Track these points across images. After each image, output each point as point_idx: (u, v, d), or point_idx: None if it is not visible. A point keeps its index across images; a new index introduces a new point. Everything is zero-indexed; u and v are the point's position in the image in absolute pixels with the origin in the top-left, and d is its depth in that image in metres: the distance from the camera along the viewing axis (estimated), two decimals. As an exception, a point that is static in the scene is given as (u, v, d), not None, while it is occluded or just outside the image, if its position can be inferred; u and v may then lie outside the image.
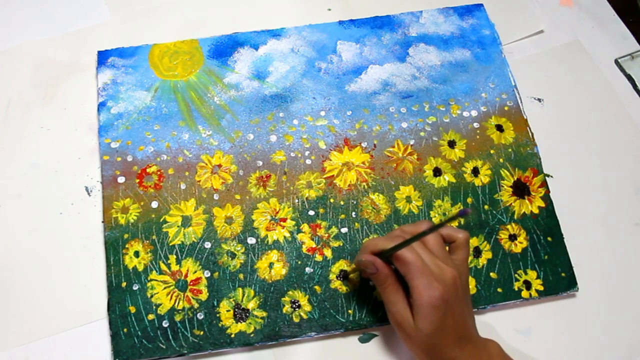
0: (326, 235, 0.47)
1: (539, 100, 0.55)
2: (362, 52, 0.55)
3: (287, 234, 0.47)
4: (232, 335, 0.43)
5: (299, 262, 0.46)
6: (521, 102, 0.53)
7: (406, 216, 0.48)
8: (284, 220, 0.48)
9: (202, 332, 0.43)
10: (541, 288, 0.46)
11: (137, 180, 0.48)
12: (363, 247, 0.42)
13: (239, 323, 0.44)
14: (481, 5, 0.58)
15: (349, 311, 0.45)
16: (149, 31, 0.56)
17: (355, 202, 0.48)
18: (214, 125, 0.51)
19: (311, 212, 0.48)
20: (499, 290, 0.46)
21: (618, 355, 0.46)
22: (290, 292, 0.45)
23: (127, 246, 0.46)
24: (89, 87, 0.53)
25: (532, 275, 0.47)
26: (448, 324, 0.38)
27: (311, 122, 0.51)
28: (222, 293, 0.45)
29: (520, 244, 0.48)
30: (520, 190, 0.50)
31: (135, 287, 0.45)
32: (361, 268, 0.42)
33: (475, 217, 0.48)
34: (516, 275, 0.47)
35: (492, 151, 0.51)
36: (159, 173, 0.49)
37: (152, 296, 0.44)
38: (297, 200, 0.48)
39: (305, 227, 0.47)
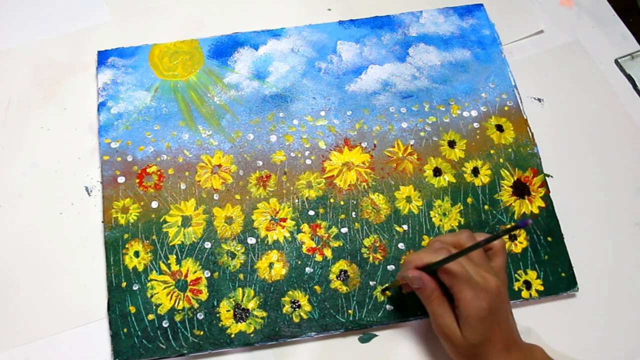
0: (326, 235, 0.47)
1: (539, 100, 0.55)
2: (362, 52, 0.55)
3: (287, 234, 0.47)
4: (232, 335, 0.44)
5: (299, 262, 0.46)
6: (521, 102, 0.53)
7: (406, 216, 0.48)
8: (284, 220, 0.48)
9: (202, 332, 0.43)
10: (541, 288, 0.46)
11: (137, 180, 0.48)
12: (406, 262, 0.41)
13: (239, 323, 0.44)
14: (481, 5, 0.58)
15: (349, 311, 0.45)
16: (149, 31, 0.56)
17: (355, 202, 0.48)
18: (214, 125, 0.51)
19: (311, 212, 0.48)
20: (499, 290, 0.46)
21: (618, 355, 0.46)
22: (290, 292, 0.45)
23: (127, 246, 0.46)
24: (89, 87, 0.53)
25: (532, 275, 0.47)
26: (495, 333, 0.38)
27: (311, 122, 0.51)
28: (222, 293, 0.45)
29: (520, 244, 0.48)
30: (520, 190, 0.50)
31: (135, 287, 0.45)
32: (404, 283, 0.42)
33: (475, 217, 0.48)
34: (516, 275, 0.47)
35: (492, 151, 0.51)
36: (159, 173, 0.49)
37: (152, 296, 0.44)
38: (297, 200, 0.48)
39: (305, 227, 0.47)
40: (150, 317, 0.44)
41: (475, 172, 0.50)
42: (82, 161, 0.50)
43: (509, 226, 0.32)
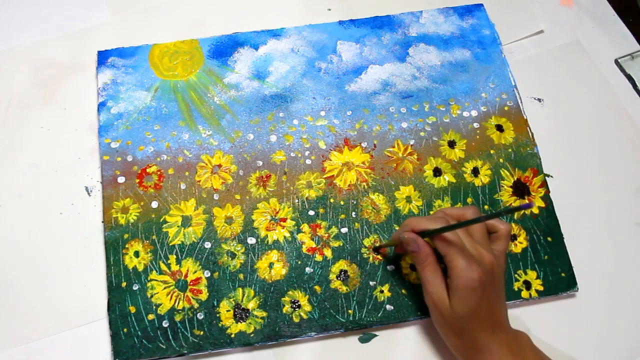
0: (326, 235, 0.47)
1: (539, 100, 0.55)
2: (362, 52, 0.55)
3: (287, 234, 0.47)
4: (232, 335, 0.44)
5: (299, 262, 0.46)
6: (521, 102, 0.53)
7: (406, 216, 0.48)
8: (284, 220, 0.48)
9: (202, 332, 0.43)
10: (541, 288, 0.46)
11: (137, 180, 0.48)
12: (405, 224, 0.42)
13: (239, 323, 0.44)
14: (481, 5, 0.58)
15: (349, 311, 0.45)
16: (149, 31, 0.56)
17: (355, 202, 0.48)
18: (214, 125, 0.51)
19: (311, 212, 0.48)
20: (499, 290, 0.46)
21: (618, 355, 0.46)
22: (290, 292, 0.45)
23: (127, 246, 0.46)
24: (89, 87, 0.53)
25: (532, 275, 0.47)
26: (482, 309, 0.38)
27: (311, 122, 0.51)
28: (222, 293, 0.45)
29: (520, 244, 0.48)
30: (520, 190, 0.50)
31: (135, 287, 0.45)
32: (399, 244, 0.42)
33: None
34: (516, 275, 0.47)
35: (492, 151, 0.51)
36: (159, 173, 0.49)
37: (152, 296, 0.44)
38: (297, 200, 0.48)
39: (305, 227, 0.47)
40: (150, 317, 0.44)
41: (475, 172, 0.50)
42: (82, 161, 0.50)
43: (512, 206, 0.33)
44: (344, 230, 0.47)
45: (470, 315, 0.38)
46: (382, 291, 0.45)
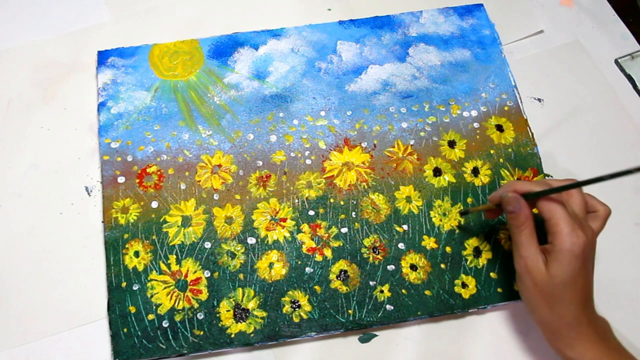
0: (326, 235, 0.47)
1: (539, 100, 0.55)
2: (362, 52, 0.55)
3: (287, 234, 0.47)
4: (232, 335, 0.43)
5: (299, 262, 0.46)
6: (521, 102, 0.53)
7: (406, 216, 0.48)
8: (284, 220, 0.48)
9: (202, 332, 0.43)
10: (541, 288, 0.46)
11: (137, 180, 0.48)
12: (507, 185, 0.41)
13: (239, 323, 0.44)
14: (481, 5, 0.58)
15: (349, 311, 0.45)
16: (149, 31, 0.56)
17: (355, 202, 0.48)
18: (214, 125, 0.51)
19: (311, 212, 0.48)
20: (499, 290, 0.46)
21: (618, 355, 0.46)
22: (290, 292, 0.45)
23: (127, 246, 0.46)
24: (89, 87, 0.53)
25: (532, 275, 0.47)
26: (580, 279, 0.38)
27: (311, 122, 0.51)
28: (222, 293, 0.45)
29: (520, 244, 0.48)
30: (520, 190, 0.50)
31: (135, 287, 0.45)
32: (494, 207, 0.42)
33: (475, 217, 0.48)
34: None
35: (492, 151, 0.51)
36: (159, 173, 0.49)
37: (152, 296, 0.44)
38: (297, 200, 0.48)
39: (305, 227, 0.47)
40: (150, 317, 0.44)
41: (475, 172, 0.50)
42: (82, 161, 0.50)
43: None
44: (344, 230, 0.47)
45: (567, 284, 0.37)
46: (382, 291, 0.45)
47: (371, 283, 0.46)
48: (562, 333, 0.39)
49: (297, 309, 0.45)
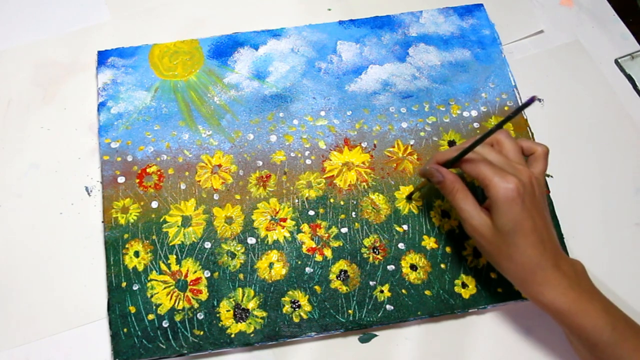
0: (326, 235, 0.47)
1: (539, 100, 0.55)
2: (362, 52, 0.55)
3: (287, 234, 0.47)
4: (232, 335, 0.44)
5: (299, 262, 0.46)
6: (521, 102, 0.53)
7: (406, 216, 0.48)
8: (284, 220, 0.48)
9: (202, 332, 0.43)
10: (541, 288, 0.46)
11: (137, 180, 0.48)
12: (429, 160, 0.42)
13: (239, 323, 0.44)
14: (481, 5, 0.58)
15: (349, 311, 0.45)
16: (149, 31, 0.56)
17: (355, 202, 0.48)
18: (214, 125, 0.51)
19: (311, 212, 0.48)
20: (499, 290, 0.46)
21: (618, 355, 0.46)
22: (290, 292, 0.45)
23: (127, 246, 0.46)
24: (89, 87, 0.53)
25: (532, 275, 0.47)
26: (526, 221, 0.37)
27: (311, 122, 0.51)
28: (222, 293, 0.45)
29: (520, 244, 0.48)
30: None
31: (135, 287, 0.45)
32: (427, 178, 0.43)
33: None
34: (516, 275, 0.47)
35: (492, 151, 0.51)
36: (159, 173, 0.49)
37: (152, 296, 0.44)
38: (297, 200, 0.48)
39: (305, 227, 0.47)
40: (150, 317, 0.44)
41: (475, 172, 0.50)
42: (82, 161, 0.50)
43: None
44: (344, 230, 0.47)
45: (515, 231, 0.37)
46: (382, 291, 0.45)
47: (371, 283, 0.46)
48: (529, 280, 0.38)
49: (297, 309, 0.45)
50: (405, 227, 0.48)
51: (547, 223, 0.39)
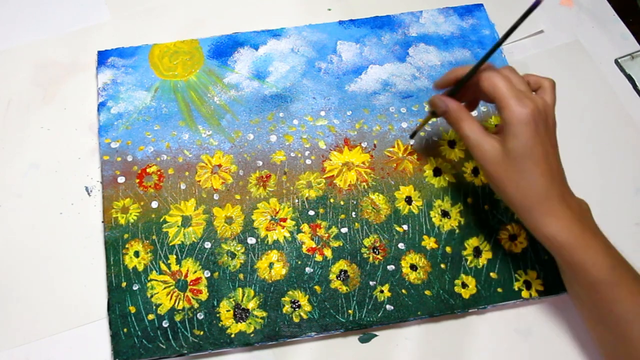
0: (326, 235, 0.47)
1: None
2: (362, 52, 0.55)
3: (287, 234, 0.47)
4: (232, 335, 0.43)
5: (299, 262, 0.46)
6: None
7: (406, 216, 0.48)
8: (284, 220, 0.48)
9: (202, 332, 0.43)
10: (541, 288, 0.46)
11: (137, 180, 0.48)
12: (440, 78, 0.43)
13: (239, 323, 0.44)
14: (481, 5, 0.58)
15: (349, 311, 0.45)
16: (149, 31, 0.56)
17: (355, 202, 0.48)
18: (214, 125, 0.51)
19: (311, 212, 0.48)
20: (499, 290, 0.46)
21: (618, 355, 0.46)
22: (290, 292, 0.45)
23: (127, 246, 0.46)
24: (89, 87, 0.53)
25: (532, 275, 0.47)
26: (537, 148, 0.37)
27: (311, 122, 0.51)
28: (222, 293, 0.45)
29: (520, 244, 0.48)
30: (520, 190, 0.50)
31: (135, 287, 0.45)
32: (430, 114, 0.43)
33: (475, 217, 0.48)
34: (516, 275, 0.47)
35: (492, 151, 0.51)
36: (159, 173, 0.49)
37: (152, 296, 0.44)
38: (297, 200, 0.48)
39: (305, 227, 0.47)
40: (150, 317, 0.44)
41: (475, 172, 0.50)
42: (82, 161, 0.50)
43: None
44: (344, 230, 0.47)
45: (525, 155, 0.37)
46: (382, 291, 0.45)
47: (371, 283, 0.46)
48: (534, 209, 0.38)
49: (297, 309, 0.45)
50: (405, 227, 0.48)
51: (557, 155, 0.39)
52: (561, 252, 0.38)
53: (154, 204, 0.47)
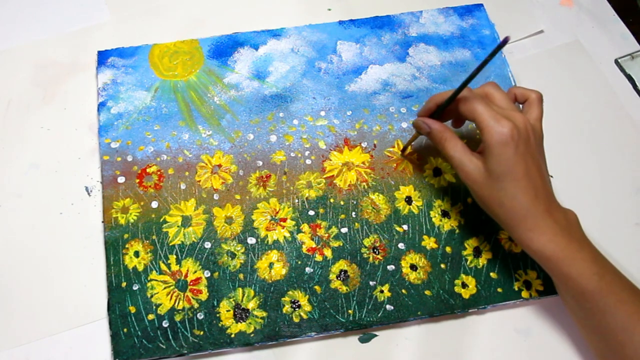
0: (326, 235, 0.47)
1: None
2: (362, 52, 0.55)
3: (287, 234, 0.47)
4: (232, 335, 0.43)
5: (299, 262, 0.46)
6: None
7: (406, 216, 0.48)
8: (284, 220, 0.48)
9: (202, 332, 0.43)
10: (541, 288, 0.46)
11: (137, 180, 0.48)
12: (424, 104, 0.43)
13: (239, 323, 0.44)
14: (481, 5, 0.58)
15: (349, 311, 0.45)
16: (149, 31, 0.56)
17: (355, 202, 0.48)
18: (214, 125, 0.51)
19: (311, 212, 0.48)
20: (499, 290, 0.46)
21: (618, 355, 0.46)
22: (290, 292, 0.45)
23: (127, 246, 0.46)
24: (89, 87, 0.53)
25: (532, 275, 0.47)
26: (518, 167, 0.37)
27: (311, 122, 0.51)
28: (222, 293, 0.45)
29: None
30: (520, 190, 0.50)
31: (135, 287, 0.45)
32: (417, 134, 0.44)
33: (475, 217, 0.48)
34: (516, 275, 0.47)
35: (492, 151, 0.51)
36: (159, 173, 0.49)
37: (152, 296, 0.44)
38: (297, 200, 0.48)
39: (305, 227, 0.47)
40: (150, 317, 0.44)
41: (475, 172, 0.50)
42: (82, 161, 0.50)
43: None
44: (344, 230, 0.47)
45: (506, 174, 0.37)
46: (382, 291, 0.45)
47: (371, 283, 0.46)
48: (519, 226, 0.38)
49: (297, 309, 0.45)
50: (405, 227, 0.48)
51: (542, 170, 0.39)
52: (548, 265, 0.39)
53: (154, 204, 0.47)
